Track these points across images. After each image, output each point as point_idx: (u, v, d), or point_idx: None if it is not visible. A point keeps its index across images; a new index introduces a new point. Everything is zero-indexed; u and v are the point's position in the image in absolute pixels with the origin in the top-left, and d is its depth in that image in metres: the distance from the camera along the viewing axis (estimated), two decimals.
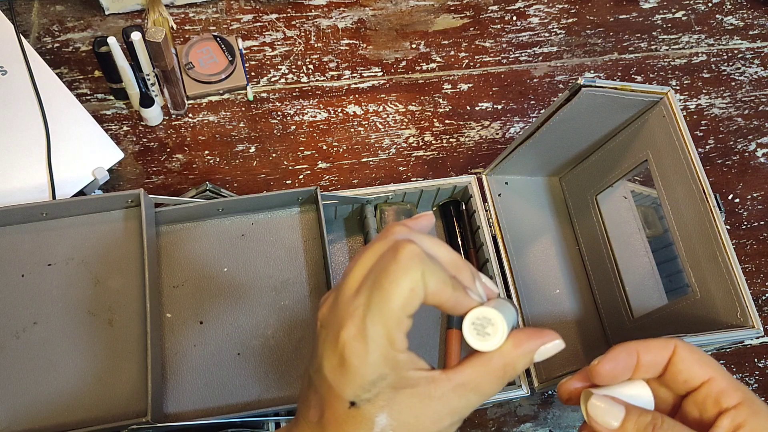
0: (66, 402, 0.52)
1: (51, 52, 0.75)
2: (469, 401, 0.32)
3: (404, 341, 0.31)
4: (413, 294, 0.30)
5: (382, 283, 0.30)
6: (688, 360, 0.34)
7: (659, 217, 0.66)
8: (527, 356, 0.33)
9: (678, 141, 0.54)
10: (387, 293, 0.30)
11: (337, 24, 0.80)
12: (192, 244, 0.59)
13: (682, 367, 0.34)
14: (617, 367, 0.35)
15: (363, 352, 0.30)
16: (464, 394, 0.32)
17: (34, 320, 0.54)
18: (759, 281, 0.71)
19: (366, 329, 0.30)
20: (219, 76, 0.73)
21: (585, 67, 0.80)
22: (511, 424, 0.63)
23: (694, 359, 0.34)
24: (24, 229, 0.57)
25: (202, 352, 0.56)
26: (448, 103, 0.77)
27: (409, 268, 0.30)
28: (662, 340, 0.35)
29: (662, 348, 0.35)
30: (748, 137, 0.78)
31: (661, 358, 0.35)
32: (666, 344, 0.35)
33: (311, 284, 0.59)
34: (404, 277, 0.30)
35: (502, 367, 0.32)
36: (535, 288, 0.65)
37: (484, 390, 0.32)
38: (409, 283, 0.30)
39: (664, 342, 0.35)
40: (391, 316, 0.30)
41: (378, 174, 0.72)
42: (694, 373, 0.34)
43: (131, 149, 0.71)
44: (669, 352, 0.35)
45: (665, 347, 0.35)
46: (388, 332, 0.30)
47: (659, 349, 0.35)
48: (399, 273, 0.30)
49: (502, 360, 0.33)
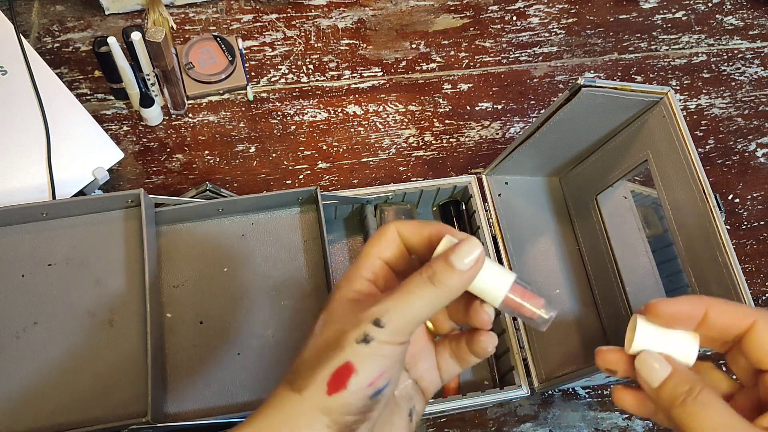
0: (66, 402, 0.52)
1: (51, 52, 0.75)
2: (386, 305, 0.32)
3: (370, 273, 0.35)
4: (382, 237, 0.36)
5: None
6: (765, 341, 0.31)
7: (659, 217, 0.66)
8: (442, 264, 0.33)
9: (678, 141, 0.54)
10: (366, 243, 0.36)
11: (337, 24, 0.80)
12: (192, 244, 0.59)
13: (758, 347, 0.31)
14: (678, 315, 0.32)
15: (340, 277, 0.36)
16: (382, 299, 0.32)
17: (34, 320, 0.54)
18: (759, 281, 0.71)
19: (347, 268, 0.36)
20: (219, 76, 0.73)
21: (585, 67, 0.80)
22: (511, 424, 0.63)
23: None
24: (24, 229, 0.57)
25: (202, 352, 0.56)
26: (448, 103, 0.77)
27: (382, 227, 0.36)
28: (742, 308, 0.32)
29: (738, 316, 0.32)
30: (748, 137, 0.78)
31: (733, 328, 0.32)
32: (745, 314, 0.32)
33: (311, 284, 0.59)
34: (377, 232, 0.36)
35: (421, 277, 0.33)
36: (535, 288, 0.64)
37: (401, 298, 0.32)
38: (376, 234, 0.36)
39: (743, 310, 0.32)
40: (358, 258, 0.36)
41: (378, 174, 0.72)
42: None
43: (131, 149, 0.71)
44: (745, 325, 0.32)
45: (743, 316, 0.32)
46: (354, 263, 0.36)
47: (734, 316, 0.32)
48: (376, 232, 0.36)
49: (421, 272, 0.33)
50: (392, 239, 0.36)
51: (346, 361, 0.31)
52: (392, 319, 0.31)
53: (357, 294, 0.34)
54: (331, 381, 0.31)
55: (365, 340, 0.31)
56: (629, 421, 0.64)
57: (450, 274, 0.32)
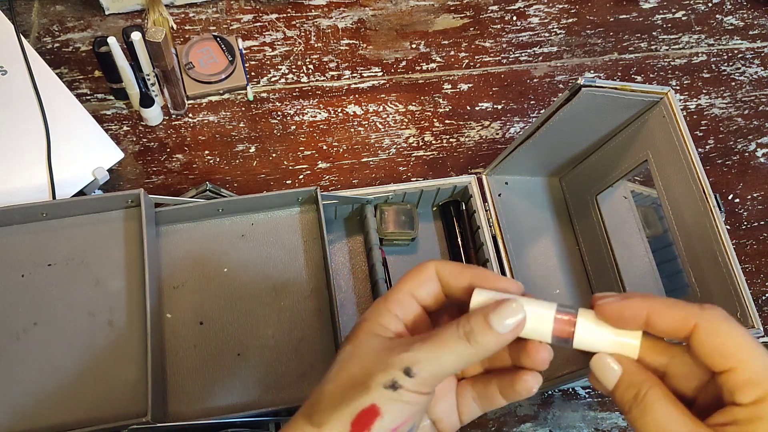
0: (66, 402, 0.52)
1: (51, 52, 0.75)
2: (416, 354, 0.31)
3: (399, 310, 0.35)
4: (419, 275, 0.35)
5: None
6: (708, 345, 0.30)
7: (659, 217, 0.66)
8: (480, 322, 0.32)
9: (678, 141, 0.54)
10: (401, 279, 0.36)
11: (337, 24, 0.80)
12: (192, 244, 0.59)
13: (701, 352, 0.31)
14: (621, 317, 0.32)
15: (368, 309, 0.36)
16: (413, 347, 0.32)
17: (34, 321, 0.54)
18: (759, 281, 0.71)
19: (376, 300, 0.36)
20: (219, 76, 0.73)
21: (585, 67, 0.80)
22: (511, 424, 0.63)
23: (714, 345, 0.30)
24: (24, 229, 0.57)
25: (202, 352, 0.56)
26: (448, 103, 0.77)
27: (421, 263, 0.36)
28: (683, 310, 0.31)
29: (679, 320, 0.31)
30: (748, 137, 0.78)
31: (677, 331, 0.31)
32: (685, 317, 0.31)
33: (311, 284, 0.59)
34: (412, 269, 0.36)
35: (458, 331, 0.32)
36: (535, 288, 0.65)
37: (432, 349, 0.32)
38: (413, 270, 0.35)
39: (683, 313, 0.31)
40: (393, 288, 0.36)
41: (378, 174, 0.72)
42: (713, 361, 0.30)
43: (131, 149, 0.71)
44: (686, 330, 0.31)
45: (683, 320, 0.31)
46: (386, 296, 0.35)
47: (674, 320, 0.31)
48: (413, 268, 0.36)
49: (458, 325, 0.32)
50: (429, 277, 0.35)
51: (372, 404, 0.31)
52: (422, 369, 0.31)
53: (385, 330, 0.34)
54: (355, 421, 0.31)
55: (393, 386, 0.31)
56: None
57: (487, 334, 0.31)
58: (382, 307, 0.35)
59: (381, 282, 0.61)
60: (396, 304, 0.35)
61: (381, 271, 0.62)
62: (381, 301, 0.35)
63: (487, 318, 0.32)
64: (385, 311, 0.34)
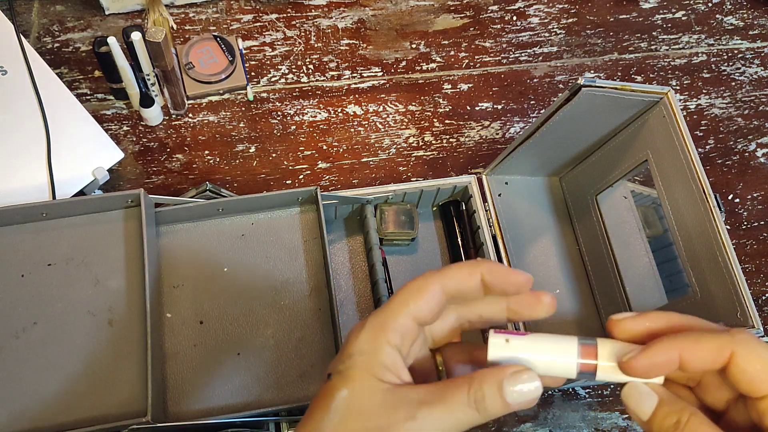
0: (66, 402, 0.52)
1: (51, 52, 0.75)
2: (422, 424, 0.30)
3: (397, 338, 0.32)
4: (421, 295, 0.32)
5: (397, 291, 0.33)
6: (748, 372, 0.29)
7: (659, 217, 0.66)
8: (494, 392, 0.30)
9: (678, 141, 0.54)
10: (396, 294, 0.33)
11: (337, 24, 0.80)
12: (192, 244, 0.59)
13: (741, 379, 0.29)
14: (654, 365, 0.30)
15: (357, 331, 0.33)
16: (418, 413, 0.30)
17: (34, 320, 0.54)
18: (759, 281, 0.71)
19: (369, 318, 0.33)
20: (219, 76, 0.73)
21: (585, 67, 0.80)
22: (511, 424, 0.63)
23: (755, 372, 0.29)
24: (24, 229, 0.57)
25: (202, 352, 0.56)
26: (448, 103, 0.77)
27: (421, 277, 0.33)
28: (715, 341, 0.30)
29: (713, 354, 0.30)
30: (748, 137, 0.78)
31: (711, 365, 0.30)
32: (719, 348, 0.29)
33: (311, 284, 0.59)
34: (412, 281, 0.33)
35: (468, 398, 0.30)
36: (535, 288, 0.64)
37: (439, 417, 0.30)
38: (415, 284, 0.33)
39: (716, 344, 0.30)
40: (391, 308, 0.32)
41: (378, 174, 0.72)
42: (753, 388, 0.29)
43: (131, 149, 0.71)
44: (722, 361, 0.30)
45: (717, 353, 0.29)
46: (384, 320, 0.32)
47: (709, 355, 0.30)
48: (411, 281, 0.33)
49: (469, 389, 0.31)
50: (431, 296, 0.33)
51: None
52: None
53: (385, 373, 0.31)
54: None
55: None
56: (629, 421, 0.64)
57: (498, 404, 0.30)
58: (381, 339, 0.32)
59: (381, 282, 0.61)
60: (395, 334, 0.32)
61: (381, 271, 0.62)
62: (379, 329, 0.32)
63: (501, 389, 0.30)
64: (385, 344, 0.32)
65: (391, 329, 0.32)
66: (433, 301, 0.33)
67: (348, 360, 0.32)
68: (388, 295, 0.62)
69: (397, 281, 0.65)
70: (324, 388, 0.32)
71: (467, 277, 0.33)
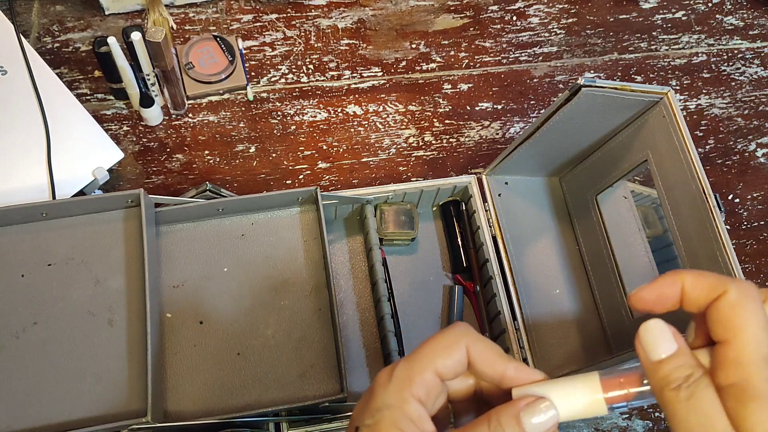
0: (66, 402, 0.52)
1: (51, 52, 0.75)
2: None
3: (423, 392, 0.33)
4: (449, 352, 0.33)
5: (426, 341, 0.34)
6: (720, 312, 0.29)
7: (659, 217, 0.66)
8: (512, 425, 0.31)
9: (678, 141, 0.54)
10: (425, 345, 0.34)
11: (337, 24, 0.80)
12: (192, 244, 0.59)
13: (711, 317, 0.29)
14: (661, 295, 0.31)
15: (384, 382, 0.33)
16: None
17: (34, 320, 0.54)
18: (759, 281, 0.71)
19: (395, 368, 0.33)
20: (219, 76, 0.73)
21: (585, 67, 0.80)
22: None
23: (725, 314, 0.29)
24: (24, 229, 0.57)
25: (202, 352, 0.56)
26: (448, 103, 0.77)
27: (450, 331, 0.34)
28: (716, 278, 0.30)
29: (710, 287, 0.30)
30: (748, 137, 0.78)
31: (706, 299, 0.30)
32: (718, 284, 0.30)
33: (311, 284, 0.59)
34: (442, 336, 0.33)
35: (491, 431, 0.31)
36: (535, 288, 0.65)
37: None
38: (444, 341, 0.33)
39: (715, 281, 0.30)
40: (418, 361, 0.33)
41: (378, 174, 0.72)
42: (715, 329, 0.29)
43: (131, 149, 0.71)
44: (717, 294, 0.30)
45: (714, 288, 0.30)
46: (410, 373, 0.33)
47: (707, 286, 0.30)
48: (440, 334, 0.34)
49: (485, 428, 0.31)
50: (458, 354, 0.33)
51: None
52: None
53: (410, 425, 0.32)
54: None
55: None
56: (629, 421, 0.64)
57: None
58: (407, 393, 0.32)
59: (381, 282, 0.61)
60: (421, 387, 0.33)
61: (381, 271, 0.62)
62: (406, 382, 0.33)
63: (520, 422, 0.31)
64: (410, 398, 0.32)
65: (417, 383, 0.33)
66: (459, 363, 0.33)
67: (377, 414, 0.32)
68: (388, 295, 0.62)
69: (397, 281, 0.65)
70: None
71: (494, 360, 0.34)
